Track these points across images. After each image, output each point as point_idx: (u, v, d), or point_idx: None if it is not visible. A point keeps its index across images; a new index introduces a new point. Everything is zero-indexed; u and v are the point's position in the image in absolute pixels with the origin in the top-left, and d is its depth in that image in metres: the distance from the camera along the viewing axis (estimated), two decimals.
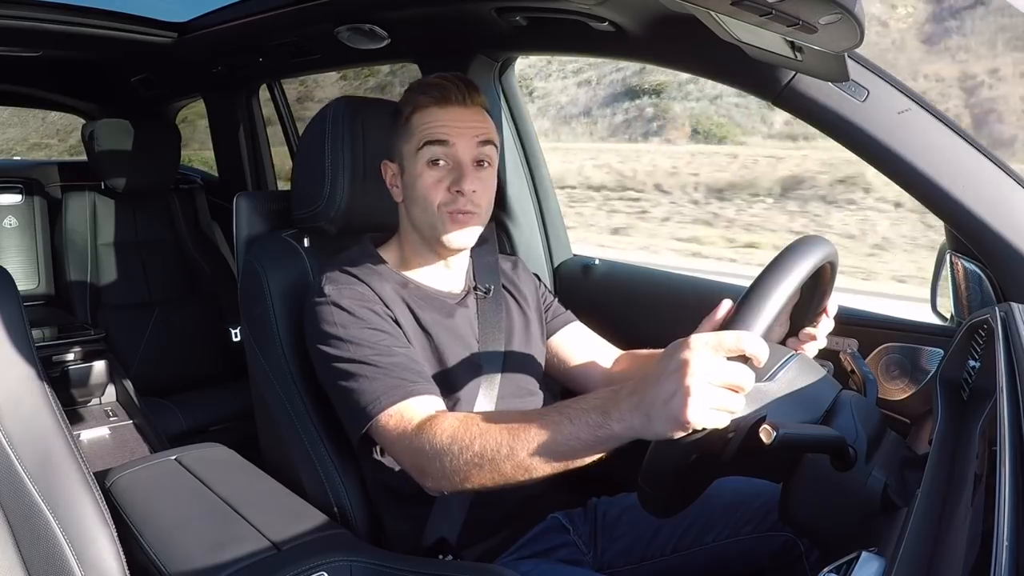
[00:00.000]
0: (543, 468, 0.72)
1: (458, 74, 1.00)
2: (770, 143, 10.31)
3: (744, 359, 0.63)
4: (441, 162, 0.95)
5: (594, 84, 12.85)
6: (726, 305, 0.77)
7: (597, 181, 10.36)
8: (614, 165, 10.55)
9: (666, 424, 0.62)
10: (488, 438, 0.75)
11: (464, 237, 0.98)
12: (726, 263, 7.02)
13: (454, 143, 0.95)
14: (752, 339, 0.63)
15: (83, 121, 2.42)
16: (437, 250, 1.02)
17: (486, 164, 0.98)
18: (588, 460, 0.71)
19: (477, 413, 0.94)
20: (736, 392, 0.62)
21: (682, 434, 0.63)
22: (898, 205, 7.56)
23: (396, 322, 0.96)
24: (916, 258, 6.60)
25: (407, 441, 0.84)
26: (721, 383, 0.61)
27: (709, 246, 7.85)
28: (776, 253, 0.75)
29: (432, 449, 0.80)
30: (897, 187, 0.99)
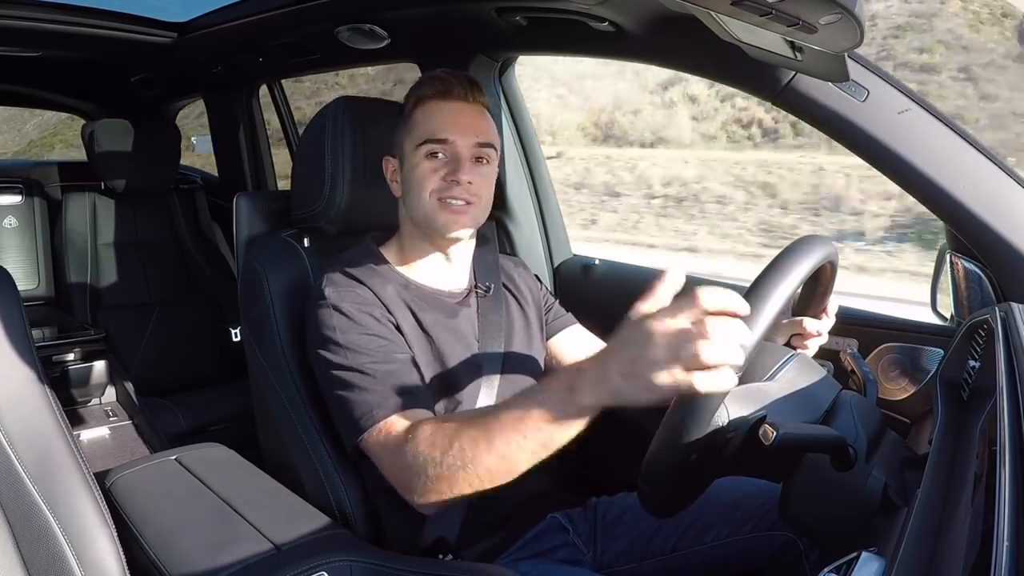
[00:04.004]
0: (523, 455, 0.72)
1: (463, 72, 1.00)
2: None
3: (714, 315, 0.59)
4: (440, 155, 0.96)
5: None
6: (672, 277, 0.71)
7: None
8: None
9: (633, 387, 0.61)
10: (463, 435, 0.75)
11: (458, 225, 0.97)
12: None
13: (454, 140, 0.95)
14: (712, 293, 0.59)
15: (38, 134, 2.43)
16: (435, 242, 1.02)
17: (485, 161, 0.99)
18: (565, 437, 0.70)
19: (450, 415, 0.94)
20: (706, 342, 0.57)
21: (654, 398, 0.60)
22: None
23: (397, 326, 0.96)
24: None
25: (392, 459, 0.84)
26: (682, 340, 0.58)
27: None
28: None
29: (415, 461, 0.79)
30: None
